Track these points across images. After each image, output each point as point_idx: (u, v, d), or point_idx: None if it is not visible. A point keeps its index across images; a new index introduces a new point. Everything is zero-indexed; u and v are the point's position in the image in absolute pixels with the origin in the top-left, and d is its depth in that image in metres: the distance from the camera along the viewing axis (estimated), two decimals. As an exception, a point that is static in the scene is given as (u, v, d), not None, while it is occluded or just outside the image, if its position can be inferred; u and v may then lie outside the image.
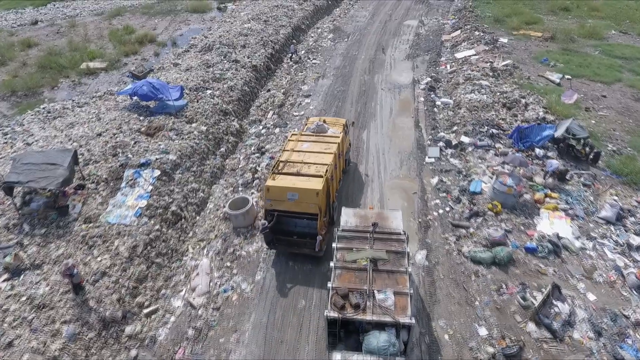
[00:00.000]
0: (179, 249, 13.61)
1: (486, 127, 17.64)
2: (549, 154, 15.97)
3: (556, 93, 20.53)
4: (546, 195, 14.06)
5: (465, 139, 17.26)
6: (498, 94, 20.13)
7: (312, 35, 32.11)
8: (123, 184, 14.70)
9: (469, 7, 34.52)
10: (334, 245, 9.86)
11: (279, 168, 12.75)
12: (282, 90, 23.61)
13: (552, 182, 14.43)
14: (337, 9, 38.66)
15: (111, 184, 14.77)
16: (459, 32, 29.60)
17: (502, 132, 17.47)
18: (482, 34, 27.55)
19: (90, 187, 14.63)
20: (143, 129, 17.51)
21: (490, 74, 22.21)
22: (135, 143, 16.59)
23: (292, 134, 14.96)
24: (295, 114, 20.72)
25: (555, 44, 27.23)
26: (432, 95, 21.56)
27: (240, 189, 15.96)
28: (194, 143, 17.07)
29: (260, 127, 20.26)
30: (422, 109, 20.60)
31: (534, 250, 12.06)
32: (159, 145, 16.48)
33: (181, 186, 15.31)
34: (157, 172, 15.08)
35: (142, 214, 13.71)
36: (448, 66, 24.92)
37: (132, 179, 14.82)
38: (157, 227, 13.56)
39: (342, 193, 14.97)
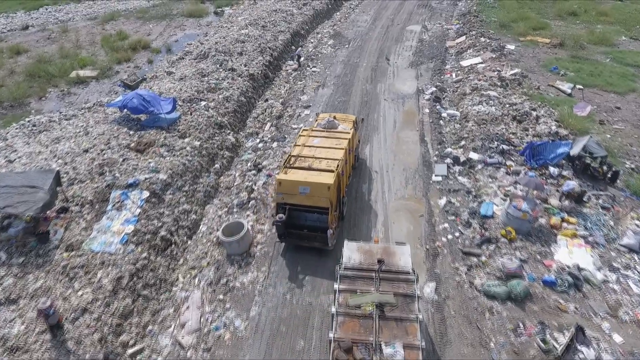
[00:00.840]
0: (168, 279, 12.70)
1: (496, 143, 16.77)
2: (564, 172, 15.10)
3: (568, 105, 19.69)
4: (563, 220, 13.18)
5: (474, 156, 16.39)
6: (507, 106, 19.26)
7: (312, 40, 31.28)
8: (109, 207, 13.81)
9: (473, 12, 33.71)
10: (335, 286, 8.97)
11: (291, 162, 12.99)
12: (281, 100, 22.75)
13: (569, 205, 13.55)
14: (338, 13, 37.87)
15: (96, 206, 13.88)
16: (463, 38, 28.77)
17: (513, 148, 16.59)
18: (488, 41, 26.71)
19: (73, 210, 13.74)
20: (132, 144, 16.63)
21: (498, 83, 21.35)
22: (123, 160, 15.71)
23: (303, 130, 15.30)
24: (294, 126, 19.84)
25: (564, 51, 26.40)
26: (438, 107, 20.69)
27: (235, 210, 15.08)
28: (186, 160, 16.18)
29: (257, 140, 19.39)
30: (428, 122, 19.73)
31: (553, 283, 11.17)
32: (149, 163, 15.60)
33: (172, 208, 14.42)
34: (146, 194, 14.20)
35: (129, 241, 12.81)
36: (453, 74, 24.07)
37: (119, 201, 13.93)
38: (144, 254, 12.66)
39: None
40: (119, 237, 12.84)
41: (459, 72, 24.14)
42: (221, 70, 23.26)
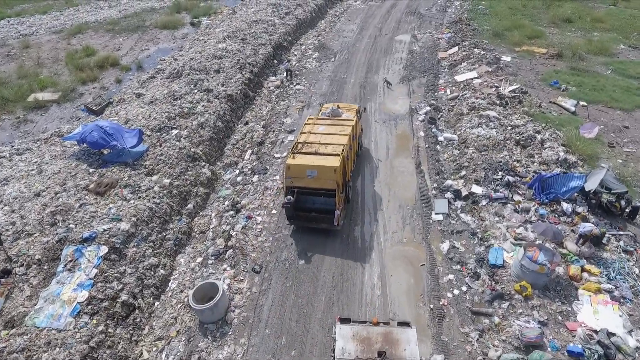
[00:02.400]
0: (129, 355, 10.93)
1: (500, 173, 15.38)
2: (579, 208, 13.75)
3: (573, 125, 18.47)
4: (583, 269, 11.80)
5: (477, 189, 14.97)
6: (509, 128, 17.93)
7: (296, 53, 29.72)
8: (60, 267, 12.00)
9: (464, 20, 32.53)
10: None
11: (298, 148, 13.87)
12: (262, 123, 21.10)
13: (588, 251, 12.18)
14: (322, 22, 36.38)
15: (45, 267, 12.06)
16: (456, 49, 27.51)
17: (519, 179, 15.22)
18: (482, 52, 25.49)
19: (18, 273, 11.89)
20: (92, 186, 14.80)
21: (497, 102, 20.04)
22: (80, 206, 13.90)
23: (309, 118, 16.31)
24: (276, 155, 18.21)
25: (563, 62, 25.32)
26: (434, 129, 19.28)
27: (210, 261, 13.38)
28: (153, 203, 14.41)
29: (237, 171, 17.72)
30: (423, 147, 18.30)
31: (580, 354, 9.74)
32: (110, 209, 13.81)
33: (135, 264, 12.64)
34: (104, 250, 12.41)
35: (82, 312, 11.03)
36: (448, 90, 22.73)
37: (71, 260, 12.13)
38: (100, 327, 10.88)
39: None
40: (69, 308, 11.04)
41: (453, 87, 22.81)
42: (196, 91, 21.51)
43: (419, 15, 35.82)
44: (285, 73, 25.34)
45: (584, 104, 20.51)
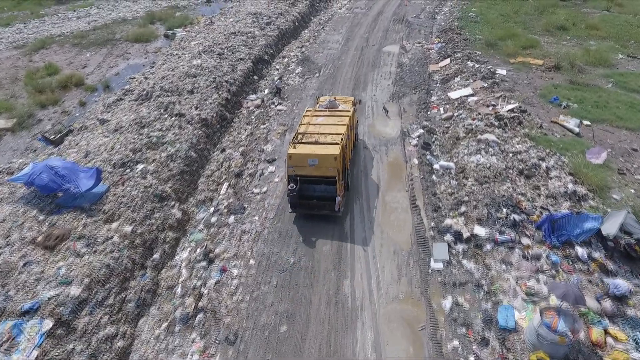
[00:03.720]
0: None
1: (504, 210, 13.97)
2: (595, 253, 12.38)
3: (579, 148, 17.22)
4: (606, 332, 10.39)
5: (480, 231, 13.53)
6: (510, 155, 16.58)
7: (277, 67, 28.15)
8: (-7, 349, 10.16)
9: (455, 28, 31.35)
10: None
11: (299, 139, 14.71)
12: (241, 150, 19.44)
13: (611, 309, 10.80)
14: (306, 31, 34.93)
15: (-25, 349, 10.20)
16: (448, 61, 26.23)
17: (526, 217, 13.82)
18: (477, 66, 24.22)
19: (-60, 359, 10.03)
20: (40, 238, 12.94)
21: (496, 123, 18.71)
22: (24, 265, 12.05)
23: (307, 110, 17.29)
24: (255, 191, 16.56)
25: (561, 74, 24.20)
26: (428, 156, 17.85)
27: (177, 327, 11.67)
28: (111, 259, 12.62)
29: (211, 209, 16.02)
30: (418, 177, 16.84)
31: None
32: (59, 268, 11.99)
33: (87, 338, 10.86)
34: (49, 324, 10.60)
35: (16, 410, 9.24)
36: (441, 109, 21.36)
37: (8, 339, 10.29)
38: None
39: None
40: (0, 406, 9.23)
41: (447, 105, 21.45)
42: (166, 116, 19.75)
43: (407, 23, 34.56)
44: (275, 90, 23.70)
45: (588, 123, 19.32)
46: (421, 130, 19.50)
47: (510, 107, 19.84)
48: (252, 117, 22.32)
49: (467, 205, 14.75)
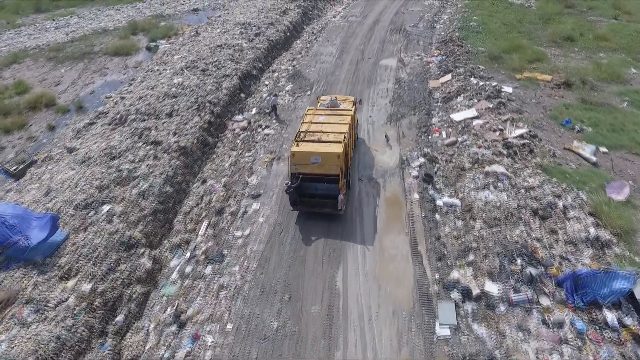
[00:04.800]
0: None
1: (519, 261, 12.40)
2: (627, 319, 10.81)
3: (597, 181, 15.70)
4: None
5: (491, 287, 11.95)
6: (523, 191, 15.03)
7: (267, 82, 26.56)
8: None
9: (456, 39, 29.85)
10: None
11: (301, 137, 14.97)
12: (224, 181, 17.82)
13: (651, 395, 9.22)
14: (298, 41, 33.38)
15: None
16: (449, 76, 24.71)
17: (543, 270, 12.25)
18: (481, 84, 22.68)
19: None
20: (-20, 303, 11.29)
21: (504, 152, 17.17)
22: (-42, 340, 10.38)
23: (309, 109, 17.68)
24: (237, 234, 14.92)
25: (571, 92, 22.70)
26: (430, 190, 16.26)
27: (139, 414, 10.01)
28: (63, 329, 10.95)
29: (187, 254, 14.40)
30: (419, 216, 15.26)
31: None
32: (-1, 343, 10.33)
33: None
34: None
35: None
36: (444, 133, 19.81)
37: None
38: None
39: None
40: None
41: (450, 129, 19.90)
42: (140, 144, 18.13)
43: (404, 33, 33.04)
44: (270, 109, 22.09)
45: (605, 150, 17.80)
46: (422, 159, 17.92)
47: (519, 132, 18.30)
48: (238, 141, 20.71)
49: (476, 254, 13.17)
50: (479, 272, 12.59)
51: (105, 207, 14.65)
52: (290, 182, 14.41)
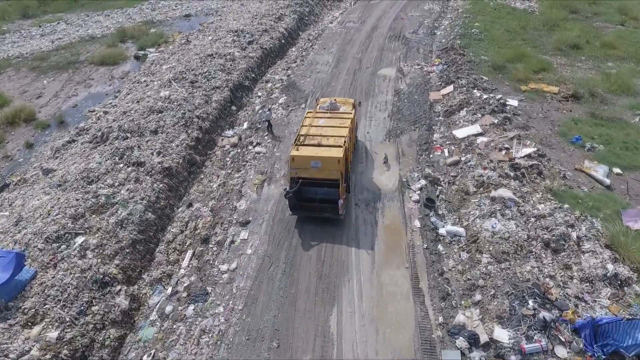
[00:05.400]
0: None
1: (531, 303, 11.35)
2: (654, 374, 9.77)
3: (612, 207, 14.71)
4: None
5: (501, 333, 10.91)
6: (533, 220, 13.98)
7: (260, 93, 25.48)
8: None
9: (457, 47, 28.78)
10: None
11: (301, 140, 14.86)
12: (211, 204, 16.77)
13: None
14: (293, 49, 32.28)
15: None
16: (451, 88, 23.66)
17: (558, 313, 11.20)
18: (485, 97, 21.60)
19: None
20: None
21: (511, 174, 16.14)
22: None
23: (308, 112, 17.54)
24: (222, 267, 13.82)
25: (580, 105, 21.70)
26: (432, 218, 15.21)
27: None
28: (22, 387, 9.88)
29: (169, 290, 13.38)
30: (420, 247, 14.19)
31: None
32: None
33: None
34: None
35: None
36: (446, 151, 18.78)
37: None
38: None
39: None
40: None
41: (452, 147, 18.85)
42: (121, 165, 17.05)
43: (404, 40, 31.99)
44: (266, 125, 20.97)
45: (619, 171, 16.79)
46: (423, 182, 16.87)
47: (526, 151, 17.26)
48: (227, 159, 19.66)
49: (483, 293, 12.12)
50: (486, 315, 11.53)
51: (79, 240, 13.57)
52: (289, 187, 14.34)
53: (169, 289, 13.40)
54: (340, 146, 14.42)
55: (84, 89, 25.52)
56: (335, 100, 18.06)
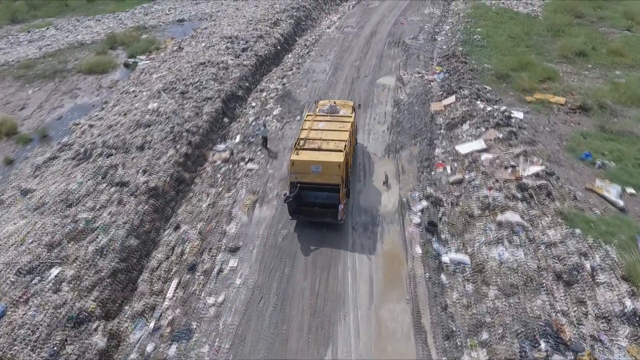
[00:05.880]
0: None
1: (543, 345, 10.48)
2: None
3: (627, 233, 13.82)
4: None
5: (511, 380, 10.01)
6: (543, 248, 13.11)
7: (254, 104, 24.64)
8: None
9: (459, 55, 27.97)
10: None
11: (301, 144, 14.96)
12: (200, 226, 15.89)
13: None
14: (290, 55, 31.51)
15: None
16: (453, 98, 22.83)
17: (572, 356, 10.32)
18: (489, 109, 20.74)
19: None
20: None
21: (519, 195, 15.27)
22: None
23: (308, 115, 17.30)
24: (209, 301, 12.92)
25: (589, 117, 20.88)
26: (435, 244, 14.34)
27: None
28: None
29: (151, 325, 12.46)
30: (422, 276, 13.32)
31: None
32: None
33: None
34: None
35: None
36: (448, 168, 17.92)
37: None
38: None
39: None
40: None
41: (455, 163, 18.00)
42: (104, 186, 16.19)
43: (404, 46, 31.19)
44: (261, 140, 20.05)
45: (632, 191, 15.92)
46: (424, 203, 16.01)
47: (534, 169, 16.39)
48: (218, 175, 18.81)
49: (491, 331, 11.25)
50: (494, 358, 10.65)
51: (54, 271, 12.66)
52: (288, 192, 14.44)
53: (152, 323, 12.49)
54: (340, 150, 14.45)
55: (70, 99, 24.65)
56: (334, 102, 18.12)
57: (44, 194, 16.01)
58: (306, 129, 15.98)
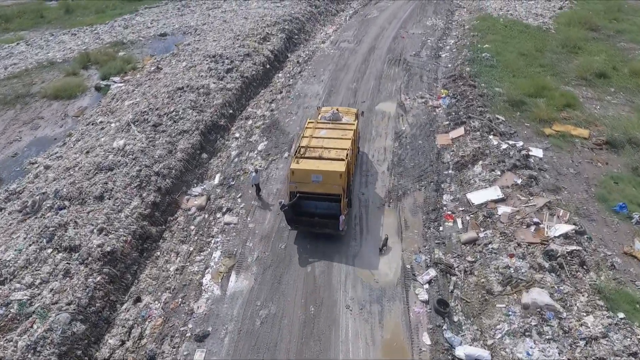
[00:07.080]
0: None
1: None
2: None
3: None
4: None
5: None
6: (581, 344, 10.72)
7: (237, 134, 22.28)
8: None
9: (466, 76, 25.65)
10: None
11: (301, 153, 14.62)
12: (164, 298, 13.56)
13: None
14: (280, 74, 29.17)
15: None
16: (461, 130, 20.53)
17: None
18: (502, 145, 18.41)
19: None
20: None
21: (546, 264, 12.91)
22: None
23: (309, 122, 16.83)
24: (165, 416, 10.50)
25: (617, 156, 18.57)
26: (447, 332, 11.92)
27: None
28: None
29: None
30: (432, 379, 10.91)
31: None
32: None
33: None
34: None
35: None
36: (459, 221, 15.60)
37: None
38: None
39: None
40: None
41: (467, 216, 15.66)
42: (49, 251, 13.75)
43: (405, 64, 28.88)
44: (254, 187, 17.56)
45: (680, 258, 13.59)
46: (432, 272, 13.61)
47: (563, 229, 14.02)
48: (192, 227, 16.48)
49: None
50: None
51: (-31, 382, 10.26)
52: (282, 201, 14.30)
53: None
54: (342, 159, 14.15)
55: (30, 131, 22.20)
56: (337, 110, 17.77)
57: (-23, 262, 13.60)
58: (307, 137, 15.50)
